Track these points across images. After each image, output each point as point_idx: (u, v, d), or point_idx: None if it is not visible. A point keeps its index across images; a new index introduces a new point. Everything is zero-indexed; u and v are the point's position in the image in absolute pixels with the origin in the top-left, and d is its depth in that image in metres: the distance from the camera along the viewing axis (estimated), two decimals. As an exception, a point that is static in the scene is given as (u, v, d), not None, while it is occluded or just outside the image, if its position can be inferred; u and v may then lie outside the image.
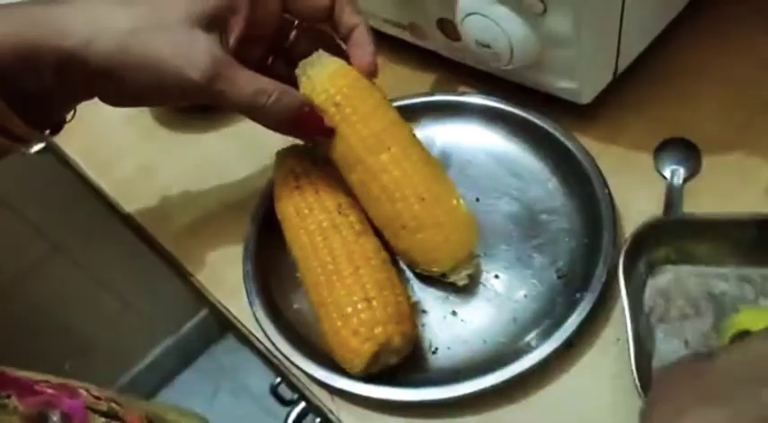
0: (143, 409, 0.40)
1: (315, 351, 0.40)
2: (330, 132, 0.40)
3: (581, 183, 0.44)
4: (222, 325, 0.46)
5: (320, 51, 0.41)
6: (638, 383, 0.34)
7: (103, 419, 0.36)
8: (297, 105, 0.38)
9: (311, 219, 0.41)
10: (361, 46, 0.41)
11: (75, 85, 0.38)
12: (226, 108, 0.40)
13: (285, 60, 0.44)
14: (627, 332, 0.36)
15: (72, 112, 0.44)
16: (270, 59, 0.45)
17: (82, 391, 0.37)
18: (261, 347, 0.44)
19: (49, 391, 0.35)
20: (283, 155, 0.45)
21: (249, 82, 0.37)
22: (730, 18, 0.51)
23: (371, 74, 0.41)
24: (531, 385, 0.38)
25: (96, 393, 0.37)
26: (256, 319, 0.42)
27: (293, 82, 0.40)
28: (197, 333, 1.33)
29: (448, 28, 0.47)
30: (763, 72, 0.48)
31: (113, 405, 0.37)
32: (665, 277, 0.39)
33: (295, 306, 0.44)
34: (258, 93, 0.37)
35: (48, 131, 0.43)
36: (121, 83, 0.37)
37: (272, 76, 0.38)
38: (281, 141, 0.45)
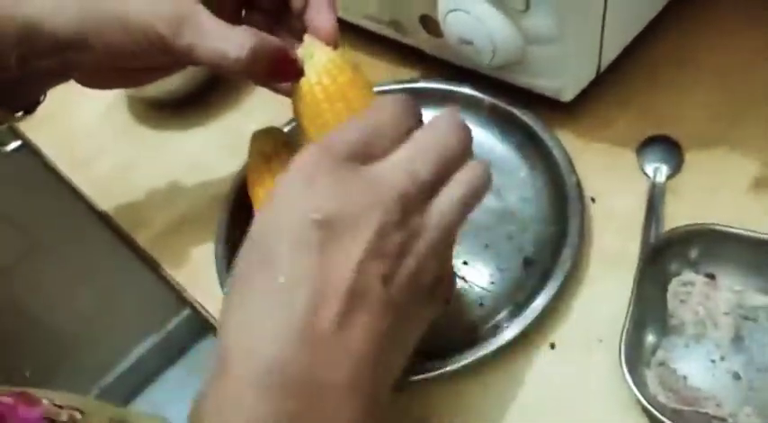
0: (108, 415, 0.39)
1: None
2: (300, 74, 0.37)
3: (551, 171, 0.44)
4: (205, 323, 0.46)
5: (308, 39, 0.38)
6: (630, 379, 0.34)
7: None
8: (271, 53, 0.36)
9: None
10: (320, 10, 0.38)
11: (41, 62, 0.37)
12: (199, 64, 0.37)
13: (259, 12, 0.42)
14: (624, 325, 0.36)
15: (43, 96, 0.43)
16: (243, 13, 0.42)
17: (43, 401, 0.36)
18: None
19: (7, 401, 0.35)
20: (258, 136, 0.44)
21: (219, 33, 0.35)
22: (713, 15, 0.51)
23: (332, 42, 0.38)
24: (495, 366, 0.38)
25: (58, 402, 0.37)
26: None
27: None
28: (181, 330, 1.32)
29: (430, 24, 0.47)
30: (746, 69, 0.48)
31: (74, 413, 0.37)
32: (685, 285, 0.39)
33: None
34: (230, 45, 0.35)
35: (20, 113, 0.42)
36: (88, 50, 0.36)
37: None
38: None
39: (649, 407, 0.33)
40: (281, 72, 0.37)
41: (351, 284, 0.25)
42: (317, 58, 0.37)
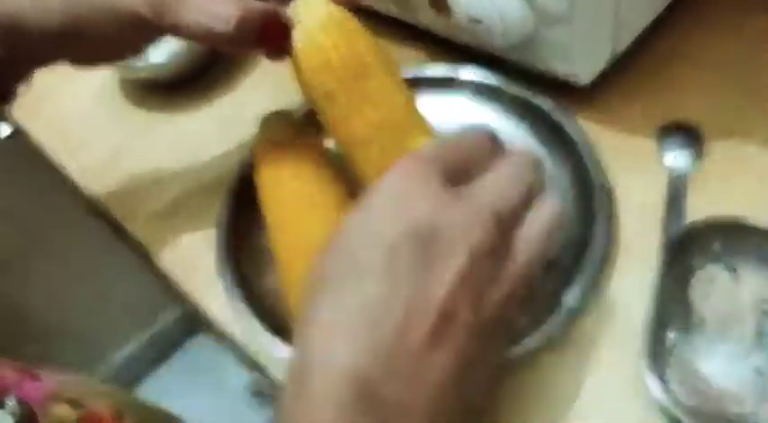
0: (111, 397, 0.38)
1: (281, 327, 0.39)
2: (289, 51, 0.36)
3: (578, 170, 0.42)
4: (200, 317, 0.44)
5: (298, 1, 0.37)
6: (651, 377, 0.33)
7: (65, 406, 0.35)
8: (258, 20, 0.35)
9: (287, 188, 0.39)
10: None
11: (26, 50, 0.37)
12: (185, 38, 0.37)
13: None
14: (645, 325, 0.35)
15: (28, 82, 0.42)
16: None
17: (46, 378, 0.36)
18: (236, 344, 0.41)
19: (11, 375, 0.34)
20: (266, 121, 0.43)
21: (202, 7, 0.34)
22: (729, 4, 0.49)
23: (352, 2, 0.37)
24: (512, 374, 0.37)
25: (61, 379, 0.36)
26: (225, 289, 0.41)
27: None
28: (175, 326, 1.32)
29: (438, 2, 0.45)
30: (764, 58, 0.46)
31: (78, 392, 0.36)
32: (708, 280, 0.38)
33: (265, 280, 0.42)
34: (214, 19, 0.34)
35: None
36: (74, 40, 0.36)
37: None
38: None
39: (670, 406, 0.32)
40: (271, 40, 0.36)
41: (443, 305, 0.24)
42: (304, 24, 0.36)
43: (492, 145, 0.30)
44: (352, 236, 0.27)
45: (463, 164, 0.28)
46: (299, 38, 0.36)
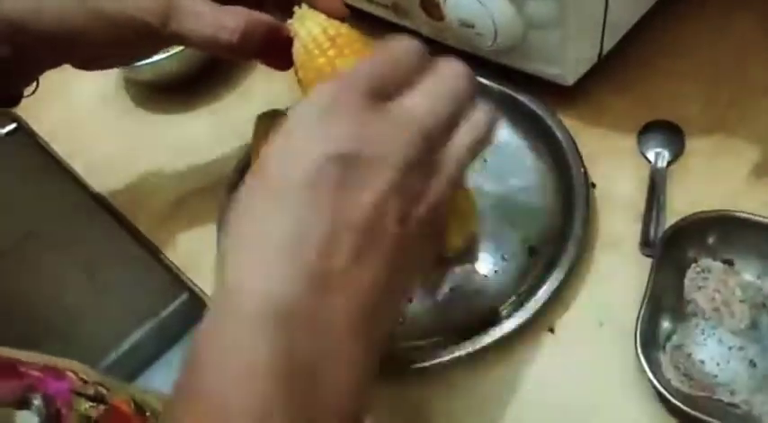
0: (129, 393, 0.39)
1: None
2: (289, 64, 0.37)
3: (558, 161, 0.43)
4: (203, 307, 0.46)
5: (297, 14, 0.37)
6: (645, 363, 0.34)
7: (89, 403, 0.35)
8: (262, 32, 0.36)
9: None
10: None
11: (32, 54, 0.37)
12: (190, 47, 0.38)
13: None
14: (639, 315, 0.36)
15: (34, 86, 0.42)
16: None
17: (69, 374, 0.36)
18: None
19: (35, 373, 0.34)
20: (262, 118, 0.44)
21: (208, 18, 0.35)
22: (710, 6, 0.50)
23: (341, 15, 0.38)
24: (494, 352, 0.38)
25: (83, 376, 0.37)
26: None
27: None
28: (179, 315, 1.32)
29: (431, 7, 0.46)
30: (746, 53, 0.48)
31: (100, 388, 0.37)
32: (703, 271, 0.38)
33: None
34: (219, 30, 0.35)
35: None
36: (76, 44, 0.36)
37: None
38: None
39: (664, 391, 0.33)
40: (273, 52, 0.36)
41: (367, 223, 0.24)
42: (301, 39, 0.36)
43: (421, 58, 0.28)
44: (273, 161, 0.26)
45: (390, 80, 0.27)
46: (296, 54, 0.37)
